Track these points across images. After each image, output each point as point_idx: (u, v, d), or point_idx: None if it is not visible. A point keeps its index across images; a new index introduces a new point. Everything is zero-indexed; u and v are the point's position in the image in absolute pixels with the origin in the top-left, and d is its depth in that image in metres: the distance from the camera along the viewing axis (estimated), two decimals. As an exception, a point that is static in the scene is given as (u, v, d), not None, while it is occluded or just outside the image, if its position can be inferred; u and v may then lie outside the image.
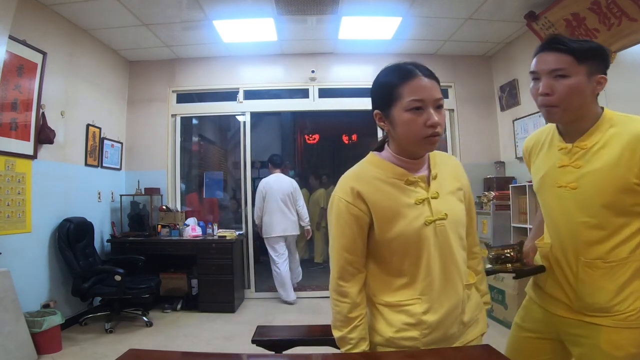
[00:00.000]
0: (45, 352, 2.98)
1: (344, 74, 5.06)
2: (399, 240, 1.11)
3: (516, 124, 4.61)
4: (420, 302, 1.12)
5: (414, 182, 1.15)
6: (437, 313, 1.12)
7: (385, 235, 1.12)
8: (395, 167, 1.16)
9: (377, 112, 1.18)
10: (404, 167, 1.16)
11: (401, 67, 1.12)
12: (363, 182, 1.15)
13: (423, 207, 1.13)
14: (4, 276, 2.80)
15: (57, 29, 3.70)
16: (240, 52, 4.85)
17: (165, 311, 4.20)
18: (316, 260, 6.27)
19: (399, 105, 1.09)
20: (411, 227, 1.11)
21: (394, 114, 1.10)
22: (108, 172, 4.50)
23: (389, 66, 1.16)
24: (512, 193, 4.11)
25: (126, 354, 1.13)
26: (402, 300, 1.13)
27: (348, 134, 8.35)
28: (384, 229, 1.12)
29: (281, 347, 1.44)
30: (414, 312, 1.12)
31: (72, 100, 3.92)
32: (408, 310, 1.12)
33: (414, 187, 1.15)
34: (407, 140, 1.11)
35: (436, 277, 1.11)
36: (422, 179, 1.16)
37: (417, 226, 1.11)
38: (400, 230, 1.11)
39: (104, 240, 4.38)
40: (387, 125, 1.15)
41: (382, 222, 1.12)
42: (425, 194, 1.14)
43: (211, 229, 4.56)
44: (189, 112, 5.17)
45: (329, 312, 1.22)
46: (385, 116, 1.14)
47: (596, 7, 3.10)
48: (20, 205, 3.20)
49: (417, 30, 4.36)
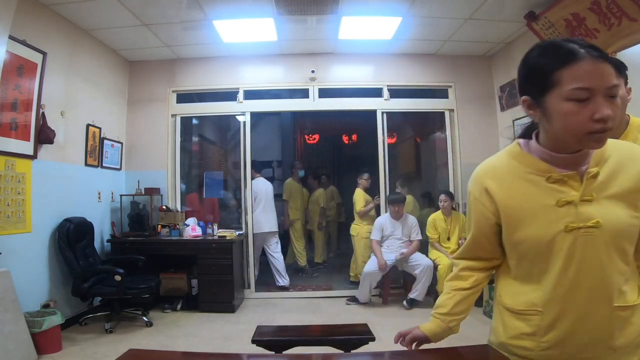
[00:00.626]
0: (45, 352, 2.98)
1: (344, 74, 5.06)
2: (526, 245, 1.00)
3: (516, 124, 4.61)
4: (542, 314, 0.99)
5: (559, 180, 0.97)
6: (562, 330, 0.97)
7: (512, 237, 1.02)
8: (537, 162, 1.00)
9: (525, 98, 0.98)
10: (550, 161, 0.99)
11: (561, 46, 0.92)
12: (495, 178, 1.04)
13: (567, 210, 0.95)
14: (4, 276, 2.80)
15: (57, 29, 3.70)
16: (240, 52, 4.85)
17: (165, 311, 4.20)
18: (316, 260, 6.27)
19: (556, 93, 0.90)
20: (544, 231, 0.96)
21: (550, 103, 0.92)
22: (108, 172, 4.50)
23: (543, 44, 0.97)
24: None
25: (126, 354, 1.13)
26: (523, 309, 1.03)
27: (348, 134, 8.36)
28: (512, 230, 1.02)
29: (281, 347, 1.44)
30: (533, 323, 1.00)
31: (72, 100, 3.92)
32: (528, 320, 1.01)
33: (559, 185, 0.97)
34: (565, 136, 0.93)
35: (569, 292, 0.95)
36: (573, 177, 0.96)
37: (553, 232, 0.95)
38: (530, 234, 0.98)
39: (104, 240, 4.38)
40: (537, 114, 0.97)
41: (511, 223, 1.02)
42: (574, 194, 0.95)
43: (211, 229, 4.56)
44: (189, 112, 5.17)
45: (329, 312, 1.22)
46: (537, 104, 0.96)
47: (596, 7, 3.10)
48: (20, 205, 3.20)
49: (417, 30, 4.36)
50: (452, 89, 5.07)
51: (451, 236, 4.51)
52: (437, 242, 4.51)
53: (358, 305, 4.41)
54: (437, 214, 4.59)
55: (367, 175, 5.20)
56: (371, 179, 5.22)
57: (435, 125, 5.64)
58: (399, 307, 4.31)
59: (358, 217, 5.01)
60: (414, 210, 5.21)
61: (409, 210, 4.97)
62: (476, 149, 4.96)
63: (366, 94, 5.09)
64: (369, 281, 4.36)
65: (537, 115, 0.97)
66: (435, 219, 4.56)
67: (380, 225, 4.56)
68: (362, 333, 1.60)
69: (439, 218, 4.54)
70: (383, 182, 4.95)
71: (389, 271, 4.42)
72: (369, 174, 5.22)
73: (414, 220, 4.60)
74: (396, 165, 6.35)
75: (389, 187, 4.96)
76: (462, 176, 4.94)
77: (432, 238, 4.54)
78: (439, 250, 4.47)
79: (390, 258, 4.37)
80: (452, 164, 5.04)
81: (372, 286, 4.42)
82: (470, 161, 4.94)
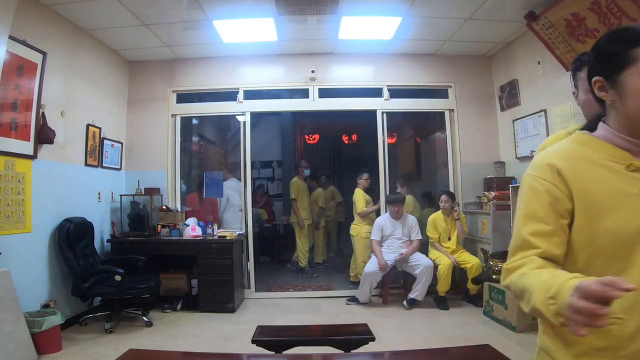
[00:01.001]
0: (45, 352, 2.98)
1: (344, 74, 5.06)
2: (607, 238, 0.87)
3: (516, 124, 4.61)
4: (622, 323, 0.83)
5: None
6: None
7: (591, 228, 0.88)
8: (614, 149, 0.91)
9: (597, 78, 0.93)
10: (628, 149, 0.91)
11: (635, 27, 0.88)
12: (567, 160, 0.93)
13: None
14: (4, 276, 2.80)
15: (57, 29, 3.70)
16: (240, 52, 4.85)
17: (165, 311, 4.20)
18: (316, 260, 6.28)
19: (633, 70, 0.86)
20: (629, 223, 0.85)
21: (626, 81, 0.87)
22: (108, 172, 4.50)
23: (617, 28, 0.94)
24: (512, 193, 4.11)
25: (126, 354, 1.13)
26: None
27: (348, 134, 8.36)
28: (590, 221, 0.88)
29: (281, 347, 1.44)
30: (611, 335, 0.84)
31: (72, 100, 3.92)
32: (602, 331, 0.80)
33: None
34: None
35: None
36: None
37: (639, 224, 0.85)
38: (612, 226, 0.86)
39: (104, 240, 4.38)
40: (611, 95, 0.91)
41: (588, 212, 0.89)
42: None
43: (211, 229, 4.56)
44: (189, 112, 5.17)
45: (329, 312, 1.22)
46: (611, 84, 0.90)
47: (596, 7, 3.10)
48: (20, 205, 3.20)
49: (417, 30, 4.36)
50: (452, 89, 5.07)
51: (451, 236, 4.51)
52: (438, 242, 4.51)
53: (358, 305, 4.41)
54: (437, 213, 4.59)
55: (366, 175, 5.19)
56: (371, 179, 5.22)
57: (435, 125, 5.64)
58: (399, 307, 4.31)
59: (358, 217, 5.01)
60: (414, 210, 5.22)
61: (409, 210, 4.97)
62: (476, 149, 4.97)
63: (366, 94, 5.10)
64: (369, 281, 4.37)
65: (610, 97, 0.91)
66: (435, 218, 4.56)
67: (380, 225, 4.57)
68: (362, 333, 1.60)
69: (439, 218, 4.54)
70: (383, 182, 4.95)
71: (389, 271, 4.42)
72: (369, 174, 5.22)
73: (414, 220, 4.60)
74: (396, 165, 6.35)
75: (389, 187, 4.96)
76: (462, 176, 4.95)
77: (432, 238, 4.54)
78: (439, 250, 4.47)
79: (390, 258, 4.37)
80: (452, 164, 5.05)
81: (372, 286, 4.42)
82: (470, 161, 4.95)
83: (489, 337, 3.26)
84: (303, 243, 5.91)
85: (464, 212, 4.80)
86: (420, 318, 3.97)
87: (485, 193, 4.53)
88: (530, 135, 4.36)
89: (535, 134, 4.26)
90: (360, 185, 5.13)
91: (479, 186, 4.84)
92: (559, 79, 3.88)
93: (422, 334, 3.53)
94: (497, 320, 3.66)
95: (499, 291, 3.67)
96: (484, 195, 4.56)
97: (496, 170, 4.84)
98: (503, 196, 4.26)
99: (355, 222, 5.04)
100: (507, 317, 3.52)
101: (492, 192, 4.41)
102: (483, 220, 4.51)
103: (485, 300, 3.88)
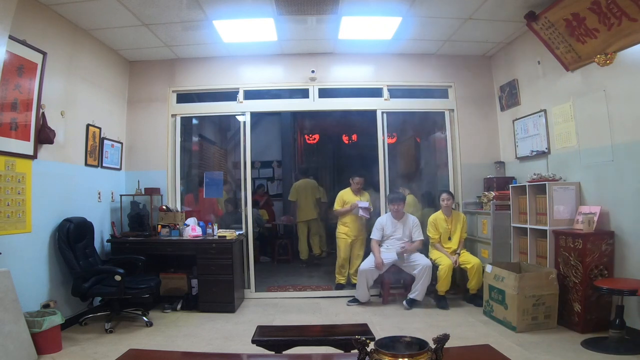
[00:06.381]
0: (45, 352, 2.98)
1: (344, 74, 5.06)
2: None
3: (516, 124, 4.61)
4: None
5: None
6: None
7: None
8: None
9: None
10: None
11: None
12: None
13: None
14: (4, 276, 2.80)
15: (57, 29, 3.70)
16: (240, 52, 4.85)
17: (165, 311, 4.20)
18: (315, 252, 6.50)
19: None
20: None
21: None
22: (108, 172, 4.50)
23: None
24: (512, 193, 4.11)
25: (126, 354, 1.13)
26: None
27: (348, 134, 8.35)
28: None
29: (281, 347, 1.44)
30: None
31: (72, 100, 3.92)
32: None
33: None
34: None
35: None
36: None
37: None
38: None
39: (104, 240, 4.38)
40: None
41: None
42: None
43: (211, 229, 4.56)
44: (189, 112, 5.17)
45: (329, 312, 1.22)
46: None
47: (596, 7, 3.10)
48: (20, 205, 3.20)
49: (417, 30, 4.36)
50: (452, 89, 5.07)
51: (452, 236, 4.51)
52: (438, 242, 4.51)
53: (358, 305, 4.42)
54: (437, 214, 4.58)
55: (358, 179, 4.96)
56: (363, 184, 5.00)
57: (435, 125, 5.64)
58: (399, 307, 4.31)
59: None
60: (415, 209, 5.20)
61: (410, 210, 4.96)
62: (476, 149, 4.97)
63: (366, 94, 5.09)
64: (364, 278, 4.35)
65: None
66: (436, 219, 4.55)
67: (381, 224, 4.56)
68: (362, 333, 1.60)
69: (439, 218, 4.54)
70: (383, 182, 4.95)
71: (389, 271, 4.41)
72: (362, 179, 5.01)
73: (415, 220, 4.60)
74: (396, 165, 6.34)
75: (389, 187, 4.96)
76: (462, 176, 4.95)
77: (432, 238, 4.53)
78: (439, 250, 4.46)
79: (390, 257, 4.37)
80: (452, 164, 5.04)
81: (369, 284, 4.40)
82: (470, 161, 4.95)
83: (489, 337, 3.26)
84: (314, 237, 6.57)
85: (464, 212, 4.80)
86: (420, 318, 3.97)
87: (485, 193, 4.54)
88: (530, 135, 4.35)
89: (535, 134, 4.26)
90: (351, 187, 4.99)
91: (479, 186, 4.84)
92: (559, 79, 3.88)
93: (422, 334, 3.51)
94: (497, 320, 3.65)
95: (499, 291, 3.67)
96: (484, 195, 4.56)
97: (496, 170, 4.84)
98: (503, 196, 4.26)
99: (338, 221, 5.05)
100: (507, 317, 3.52)
101: (492, 192, 4.41)
102: (483, 220, 4.51)
103: (485, 300, 3.88)
